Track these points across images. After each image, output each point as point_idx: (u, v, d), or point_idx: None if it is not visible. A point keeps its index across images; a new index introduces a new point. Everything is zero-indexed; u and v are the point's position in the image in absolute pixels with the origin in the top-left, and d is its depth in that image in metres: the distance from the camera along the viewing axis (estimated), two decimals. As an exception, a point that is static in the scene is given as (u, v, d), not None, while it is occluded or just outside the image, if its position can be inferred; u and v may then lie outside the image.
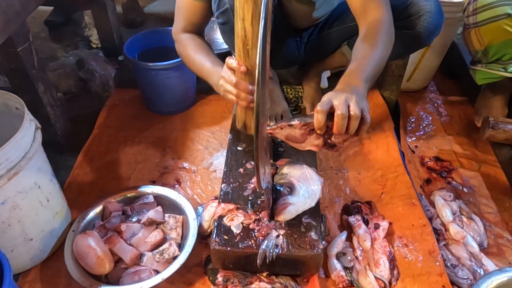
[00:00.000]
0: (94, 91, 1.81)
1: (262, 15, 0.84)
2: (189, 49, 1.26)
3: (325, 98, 0.85)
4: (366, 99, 0.89)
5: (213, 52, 1.27)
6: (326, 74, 1.73)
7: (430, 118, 1.73)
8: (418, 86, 1.87)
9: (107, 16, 1.94)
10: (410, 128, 1.68)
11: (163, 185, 1.35)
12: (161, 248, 1.12)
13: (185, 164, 1.49)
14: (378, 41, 1.01)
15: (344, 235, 1.21)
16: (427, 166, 1.50)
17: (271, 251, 1.01)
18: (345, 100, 0.82)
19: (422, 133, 1.66)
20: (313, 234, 1.04)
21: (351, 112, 0.82)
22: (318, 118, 0.84)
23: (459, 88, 1.89)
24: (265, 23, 0.84)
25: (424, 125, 1.70)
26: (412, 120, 1.72)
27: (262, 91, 0.85)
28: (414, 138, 1.63)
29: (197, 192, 1.39)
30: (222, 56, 1.17)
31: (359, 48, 1.02)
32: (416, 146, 1.59)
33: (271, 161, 1.21)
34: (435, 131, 1.67)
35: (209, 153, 1.53)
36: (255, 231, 1.05)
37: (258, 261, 1.00)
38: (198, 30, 1.32)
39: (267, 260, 1.00)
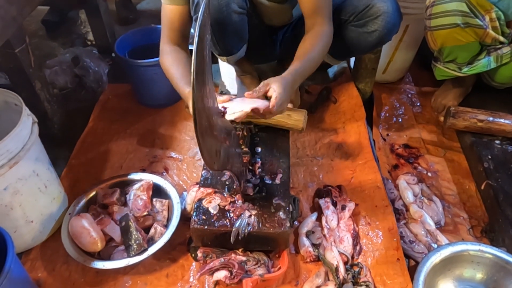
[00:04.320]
0: (88, 86, 1.92)
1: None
2: (167, 63, 1.28)
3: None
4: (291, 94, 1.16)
5: (187, 65, 1.26)
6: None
7: (403, 108, 1.84)
8: (394, 78, 1.97)
9: (100, 15, 2.04)
10: (383, 117, 1.79)
11: (152, 173, 1.47)
12: (150, 236, 1.25)
13: (173, 154, 1.61)
14: (316, 48, 1.25)
15: (314, 215, 1.34)
16: (396, 152, 1.62)
17: (243, 229, 1.13)
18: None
19: (394, 121, 1.77)
20: (281, 214, 1.16)
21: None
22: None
23: (433, 79, 1.98)
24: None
25: (397, 114, 1.81)
26: (386, 109, 1.83)
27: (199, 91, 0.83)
28: (387, 127, 1.75)
29: (183, 179, 1.52)
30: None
31: (302, 48, 1.25)
32: (388, 135, 1.71)
33: (246, 148, 1.33)
34: (407, 120, 1.78)
35: (194, 143, 1.64)
36: (230, 211, 1.17)
37: (231, 237, 1.13)
38: (182, 35, 1.33)
39: (240, 237, 1.13)
